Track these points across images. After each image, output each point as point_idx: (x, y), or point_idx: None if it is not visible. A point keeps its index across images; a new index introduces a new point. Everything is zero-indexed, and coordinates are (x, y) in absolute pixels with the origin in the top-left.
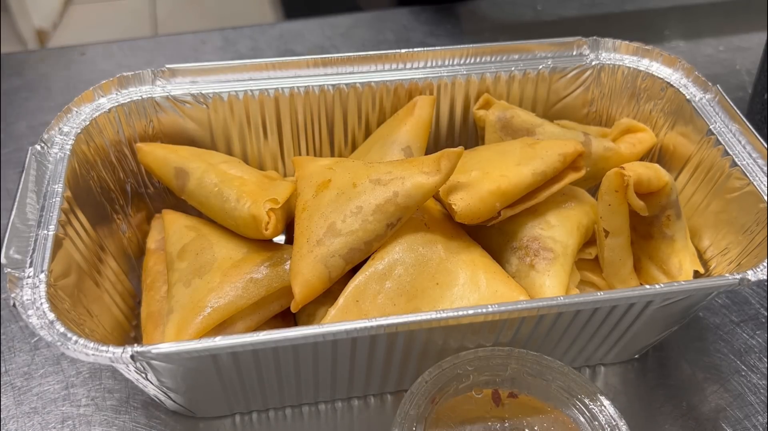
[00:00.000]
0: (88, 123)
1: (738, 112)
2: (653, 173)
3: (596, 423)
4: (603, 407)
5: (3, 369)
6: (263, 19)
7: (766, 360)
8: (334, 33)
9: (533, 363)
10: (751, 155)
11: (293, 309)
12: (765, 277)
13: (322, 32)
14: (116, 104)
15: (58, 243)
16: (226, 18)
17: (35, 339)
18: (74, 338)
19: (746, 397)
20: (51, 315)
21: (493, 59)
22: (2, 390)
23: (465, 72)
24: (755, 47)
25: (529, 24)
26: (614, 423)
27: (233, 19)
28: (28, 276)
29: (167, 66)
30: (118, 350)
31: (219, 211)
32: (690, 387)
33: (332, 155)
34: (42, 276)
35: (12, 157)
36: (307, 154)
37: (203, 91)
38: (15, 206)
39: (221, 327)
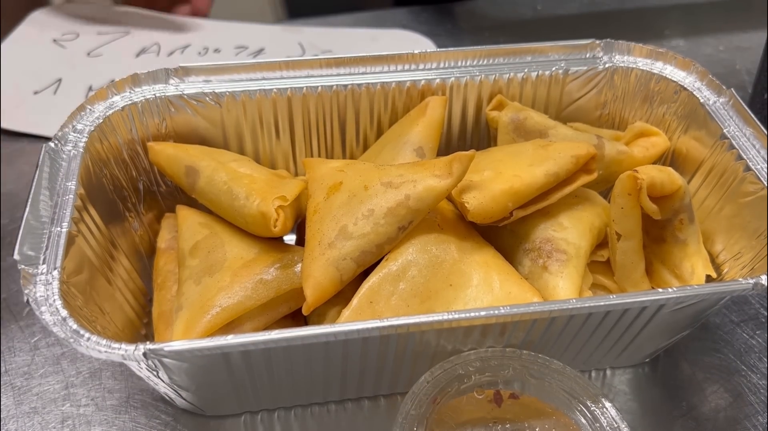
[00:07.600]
0: (101, 121)
1: (752, 115)
2: (666, 176)
3: (598, 425)
4: (605, 409)
5: (3, 369)
6: (263, 19)
7: (766, 360)
8: None
9: (535, 365)
10: (765, 159)
11: (305, 312)
12: None
13: None
14: (130, 102)
15: (71, 241)
16: (225, 17)
17: (35, 339)
18: (87, 335)
19: (746, 397)
20: (64, 312)
21: (505, 61)
22: (2, 390)
23: (478, 73)
24: (755, 47)
25: (529, 23)
26: (616, 425)
27: (233, 19)
28: (42, 273)
29: (181, 65)
30: (131, 347)
31: (228, 208)
32: (690, 387)
33: (344, 155)
34: (55, 272)
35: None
36: (319, 153)
37: (216, 90)
38: (29, 203)
39: (229, 327)
